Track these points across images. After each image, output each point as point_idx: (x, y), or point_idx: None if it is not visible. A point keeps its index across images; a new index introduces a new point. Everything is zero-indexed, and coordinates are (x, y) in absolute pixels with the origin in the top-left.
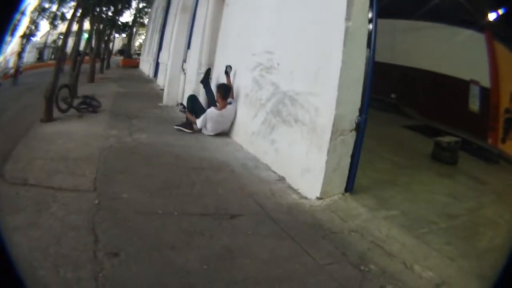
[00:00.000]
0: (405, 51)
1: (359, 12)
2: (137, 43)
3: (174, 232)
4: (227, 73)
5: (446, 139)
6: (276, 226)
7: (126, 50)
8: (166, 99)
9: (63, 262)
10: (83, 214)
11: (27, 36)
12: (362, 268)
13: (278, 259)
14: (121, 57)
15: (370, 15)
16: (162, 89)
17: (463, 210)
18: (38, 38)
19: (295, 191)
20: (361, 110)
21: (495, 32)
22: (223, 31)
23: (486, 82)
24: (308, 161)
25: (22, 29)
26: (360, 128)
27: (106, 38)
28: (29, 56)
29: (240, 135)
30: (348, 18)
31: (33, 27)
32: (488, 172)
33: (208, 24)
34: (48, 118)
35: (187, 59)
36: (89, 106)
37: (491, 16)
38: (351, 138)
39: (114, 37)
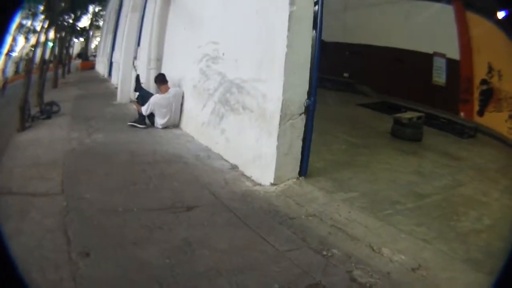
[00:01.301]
0: (358, 29)
1: None
2: (93, 46)
3: (135, 228)
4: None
5: (407, 115)
6: (232, 215)
7: (83, 54)
8: (119, 97)
9: (47, 264)
10: (56, 217)
11: (8, 53)
12: (325, 253)
13: (237, 248)
14: (80, 60)
15: None
16: (116, 87)
17: (434, 188)
18: (16, 53)
19: (249, 178)
20: (309, 93)
21: (468, 3)
22: (170, 25)
23: (454, 54)
24: (259, 147)
25: (6, 47)
26: (309, 111)
27: (67, 44)
28: (9, 71)
29: (190, 127)
30: (292, 2)
31: (13, 44)
32: (462, 147)
33: (156, 20)
34: (22, 127)
35: (137, 56)
36: (47, 112)
37: None
38: (300, 121)
39: (73, 43)
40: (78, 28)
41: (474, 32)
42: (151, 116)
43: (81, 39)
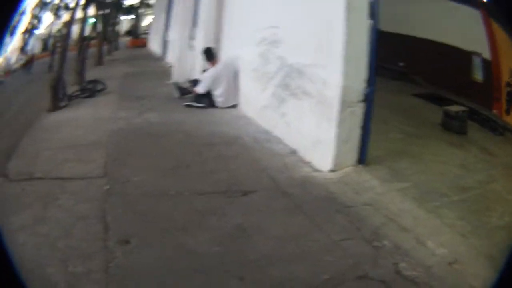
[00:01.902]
0: (408, 21)
1: None
2: (144, 24)
3: (185, 213)
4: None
5: (454, 108)
6: (290, 201)
7: (133, 31)
8: (176, 77)
9: (72, 256)
10: (93, 202)
11: (29, 31)
12: (376, 244)
13: (292, 236)
14: (129, 38)
15: None
16: (171, 66)
17: (475, 182)
18: (41, 30)
19: (308, 163)
20: (368, 81)
21: (489, 10)
22: (228, 6)
23: (486, 55)
24: (318, 133)
25: (23, 26)
26: (368, 99)
27: (112, 21)
28: (33, 48)
29: (250, 109)
30: None
31: (35, 22)
32: (495, 143)
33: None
34: (54, 107)
35: (194, 36)
36: (89, 91)
37: None
38: (360, 109)
39: (120, 20)
40: (125, 6)
41: (497, 37)
42: (208, 96)
43: (131, 17)
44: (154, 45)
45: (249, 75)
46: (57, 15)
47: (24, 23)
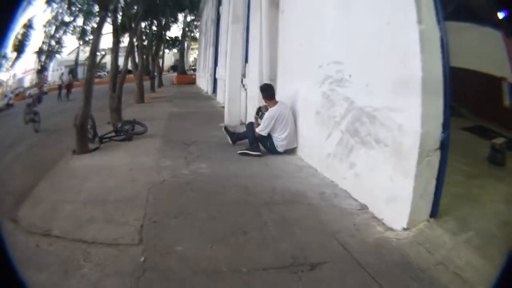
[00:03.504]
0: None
1: (427, 13)
2: (191, 59)
3: None
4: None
5: (498, 140)
6: (365, 274)
7: (179, 66)
8: (227, 119)
9: None
10: (124, 278)
11: (48, 53)
12: None
13: None
14: (175, 74)
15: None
16: (223, 107)
17: None
18: (64, 55)
19: (380, 221)
20: (444, 125)
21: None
22: (282, 41)
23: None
24: (393, 187)
25: (35, 44)
26: (444, 146)
27: (153, 53)
28: (55, 75)
29: (313, 157)
30: (420, 20)
31: (53, 43)
32: None
33: (264, 34)
34: (82, 149)
35: (246, 74)
36: (125, 132)
37: (500, 15)
38: (436, 158)
39: (163, 53)
40: (168, 38)
41: None
42: (266, 140)
43: (174, 50)
44: (202, 82)
45: (311, 117)
46: (83, 40)
47: (34, 40)
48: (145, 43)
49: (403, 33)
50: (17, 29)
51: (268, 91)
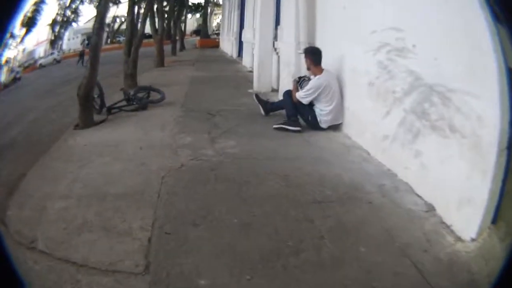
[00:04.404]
0: None
1: None
2: (214, 24)
3: None
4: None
5: None
6: None
7: (202, 30)
8: (257, 85)
9: None
10: None
11: (64, 23)
12: None
13: None
14: (197, 38)
15: None
16: (250, 71)
17: None
18: (81, 23)
19: (448, 228)
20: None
21: None
22: (323, 2)
23: None
24: (468, 188)
25: (48, 17)
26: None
27: (175, 18)
28: (71, 43)
29: (365, 137)
30: None
31: (68, 13)
32: None
33: None
34: (86, 122)
35: (278, 37)
36: (138, 101)
37: None
38: (503, 158)
39: (185, 18)
40: (190, 3)
41: None
42: (307, 113)
43: (197, 16)
44: (226, 46)
45: (361, 89)
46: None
47: (48, 13)
48: (167, 8)
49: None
50: (27, 8)
51: (316, 55)
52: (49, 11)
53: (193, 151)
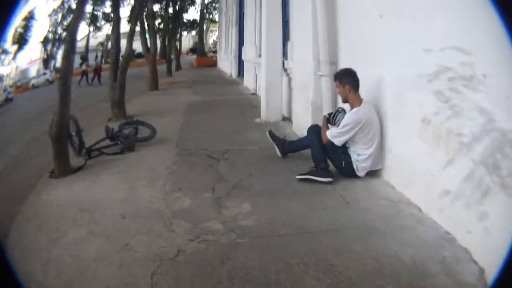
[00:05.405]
0: None
1: None
2: (210, 41)
3: None
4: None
5: None
6: None
7: (198, 48)
8: (265, 113)
9: None
10: None
11: (55, 41)
12: None
13: None
14: (194, 56)
15: None
16: (254, 93)
17: None
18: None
19: None
20: None
21: None
22: (347, 10)
23: None
24: None
25: (39, 34)
26: None
27: (170, 35)
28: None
29: (414, 188)
30: None
31: (60, 30)
32: None
33: (319, 2)
34: (61, 170)
35: (289, 55)
36: (124, 139)
37: None
38: None
39: (180, 35)
40: (185, 21)
41: None
42: (339, 157)
43: (193, 33)
44: (225, 65)
45: (411, 127)
46: (95, 26)
47: (38, 30)
48: (161, 26)
49: None
50: (17, 23)
51: (356, 80)
52: (41, 28)
53: (194, 224)
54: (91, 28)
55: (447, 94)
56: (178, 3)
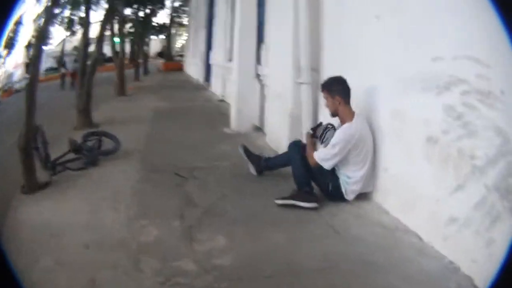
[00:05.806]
0: None
1: None
2: (178, 44)
3: None
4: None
5: None
6: None
7: (166, 53)
8: (235, 123)
9: None
10: None
11: (38, 45)
12: None
13: None
14: (161, 60)
15: None
16: (222, 100)
17: None
18: (52, 46)
19: None
20: None
21: None
22: (333, 11)
23: None
24: None
25: (24, 39)
26: None
27: (139, 40)
28: (42, 67)
29: (414, 214)
30: None
31: (41, 35)
32: None
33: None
34: (29, 185)
35: (263, 59)
36: (89, 153)
37: None
38: None
39: (149, 40)
40: (155, 24)
41: None
42: (326, 179)
43: (162, 37)
44: (191, 69)
45: (414, 145)
46: (71, 30)
47: (24, 35)
48: (132, 30)
49: None
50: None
51: (346, 89)
52: (26, 33)
53: (163, 262)
54: (68, 33)
55: (460, 110)
56: (149, 7)
